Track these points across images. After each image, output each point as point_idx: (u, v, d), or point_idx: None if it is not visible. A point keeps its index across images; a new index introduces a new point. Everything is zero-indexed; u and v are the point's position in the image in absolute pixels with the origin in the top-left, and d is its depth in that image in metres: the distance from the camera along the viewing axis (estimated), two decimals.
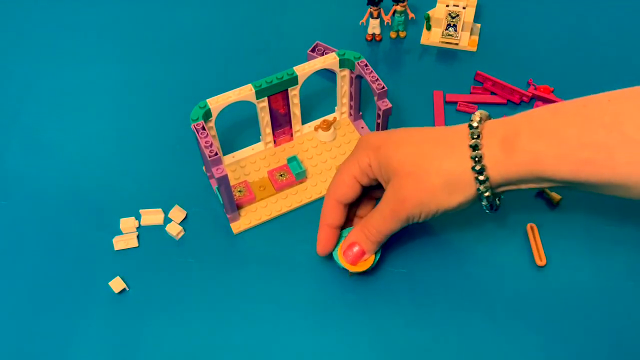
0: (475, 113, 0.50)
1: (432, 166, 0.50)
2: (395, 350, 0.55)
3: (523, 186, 0.49)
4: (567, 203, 0.63)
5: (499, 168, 0.48)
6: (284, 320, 0.57)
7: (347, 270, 0.57)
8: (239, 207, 0.63)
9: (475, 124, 0.49)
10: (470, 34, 0.78)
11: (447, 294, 0.58)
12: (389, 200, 0.52)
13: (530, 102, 0.72)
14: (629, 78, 0.73)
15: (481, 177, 0.48)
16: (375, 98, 0.61)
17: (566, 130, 0.45)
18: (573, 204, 0.63)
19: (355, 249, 0.55)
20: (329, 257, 0.58)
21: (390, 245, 0.60)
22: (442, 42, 0.78)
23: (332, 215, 0.56)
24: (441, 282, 0.59)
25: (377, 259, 0.57)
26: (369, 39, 0.79)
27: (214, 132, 0.62)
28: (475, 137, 0.48)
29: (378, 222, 0.54)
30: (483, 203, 0.50)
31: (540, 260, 0.59)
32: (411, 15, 0.77)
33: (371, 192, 0.59)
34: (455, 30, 0.77)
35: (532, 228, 0.61)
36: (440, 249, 0.61)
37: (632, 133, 0.43)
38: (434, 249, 0.61)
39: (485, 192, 0.49)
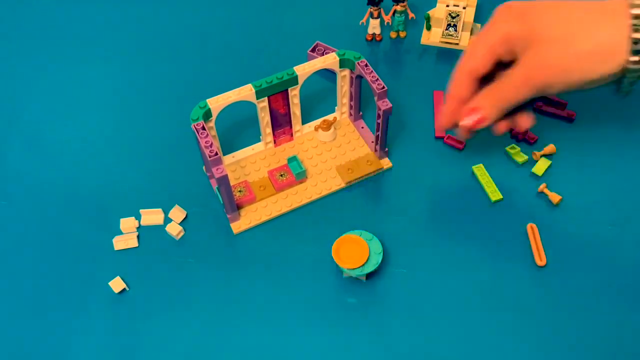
0: None
1: (585, 31, 0.47)
2: (395, 350, 0.55)
3: None
4: (567, 203, 0.63)
5: None
6: (283, 320, 0.57)
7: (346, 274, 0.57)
8: (239, 207, 0.63)
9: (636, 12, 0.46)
10: (471, 34, 0.78)
11: (447, 294, 0.58)
12: (526, 65, 0.50)
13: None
14: None
15: (636, 47, 0.46)
16: (376, 98, 0.61)
17: None
18: (573, 204, 0.63)
19: (477, 115, 0.53)
20: (329, 257, 0.58)
21: (390, 246, 0.61)
22: (442, 42, 0.78)
23: (462, 87, 0.53)
24: (441, 282, 0.59)
25: (379, 260, 0.57)
26: (369, 39, 0.79)
27: (214, 132, 0.62)
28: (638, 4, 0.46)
29: (508, 88, 0.51)
30: (627, 79, 0.48)
31: (540, 260, 0.59)
32: (411, 15, 0.77)
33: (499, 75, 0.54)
34: (456, 30, 0.77)
35: (532, 228, 0.61)
36: (440, 249, 0.61)
37: None
38: (433, 249, 0.61)
39: (637, 65, 0.47)
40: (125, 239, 0.62)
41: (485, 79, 0.54)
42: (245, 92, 0.61)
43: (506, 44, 0.51)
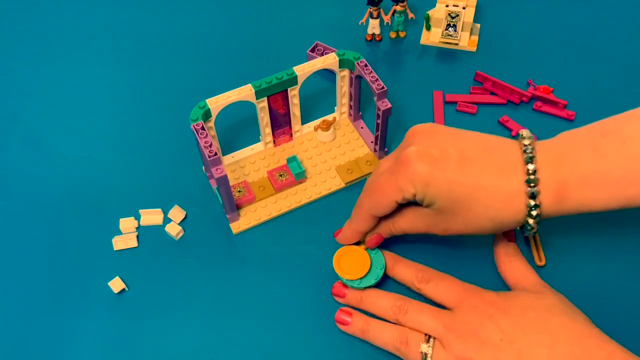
0: (524, 139, 0.50)
1: (485, 213, 0.50)
2: None
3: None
4: None
5: (550, 211, 0.49)
6: (283, 320, 0.57)
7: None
8: (238, 207, 0.63)
9: (532, 177, 0.48)
10: (470, 34, 0.78)
11: None
12: (427, 220, 0.53)
13: (530, 102, 0.72)
14: (629, 78, 0.73)
15: (531, 221, 0.49)
16: (375, 98, 0.61)
17: (612, 173, 0.47)
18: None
19: (373, 236, 0.58)
20: (329, 257, 0.58)
21: (390, 246, 0.60)
22: (442, 42, 0.78)
23: (365, 225, 0.57)
24: None
25: (380, 276, 0.57)
26: (368, 39, 0.79)
27: (213, 132, 0.62)
28: (533, 184, 0.48)
29: (407, 227, 0.56)
30: (525, 234, 0.51)
31: (540, 261, 0.59)
32: (411, 15, 0.77)
33: None
34: (455, 31, 0.77)
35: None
36: (440, 249, 0.61)
37: None
38: (433, 250, 0.61)
39: (532, 228, 0.50)
40: (125, 239, 0.62)
41: None
42: (245, 92, 0.61)
43: (408, 200, 0.53)
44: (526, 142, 0.50)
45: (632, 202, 0.48)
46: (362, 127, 0.70)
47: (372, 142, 0.67)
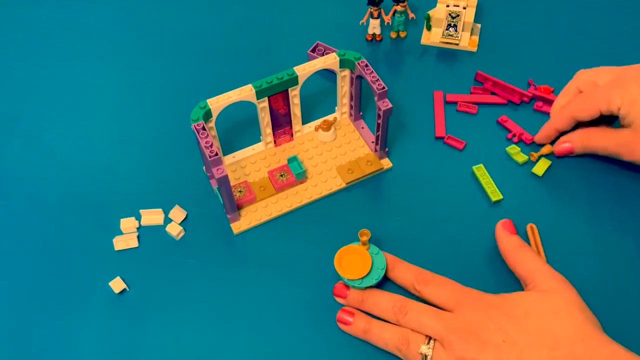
0: None
1: None
2: None
3: None
4: (567, 203, 0.63)
5: None
6: (284, 321, 0.57)
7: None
8: (239, 207, 0.63)
9: None
10: (471, 34, 0.78)
11: None
12: (621, 140, 0.61)
13: (531, 102, 0.72)
14: None
15: None
16: (376, 98, 0.61)
17: None
18: (573, 204, 0.63)
19: (567, 144, 0.65)
20: (330, 257, 0.58)
21: (390, 246, 0.60)
22: (443, 42, 0.78)
23: (566, 125, 0.65)
24: None
25: (381, 276, 0.57)
26: (369, 39, 0.79)
27: (214, 132, 0.62)
28: None
29: (601, 142, 0.62)
30: None
31: None
32: (411, 15, 0.77)
33: None
34: (456, 31, 0.77)
35: (532, 228, 0.61)
36: (440, 249, 0.61)
37: None
38: (433, 250, 0.61)
39: None
40: (126, 239, 0.62)
41: None
42: (246, 93, 0.61)
43: (614, 112, 0.60)
44: None
45: None
46: (362, 127, 0.70)
47: (372, 142, 0.68)
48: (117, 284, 0.59)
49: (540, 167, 0.65)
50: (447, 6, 0.76)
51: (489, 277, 0.59)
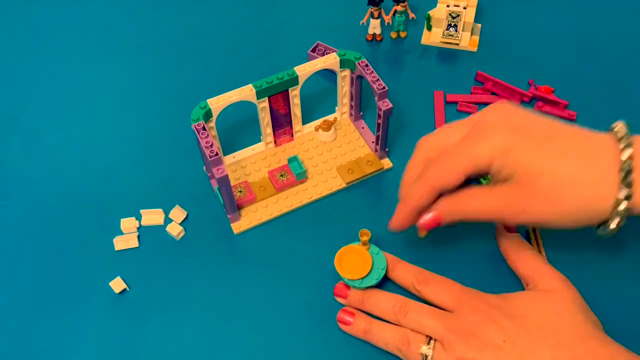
0: (619, 128, 0.45)
1: (572, 192, 0.45)
2: None
3: None
4: None
5: (637, 207, 0.45)
6: (284, 321, 0.57)
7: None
8: (239, 207, 0.63)
9: (626, 155, 0.44)
10: (471, 34, 0.78)
11: None
12: (501, 200, 0.48)
13: (531, 102, 0.72)
14: (629, 78, 0.73)
15: (621, 209, 0.45)
16: (376, 98, 0.61)
17: None
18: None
19: (432, 214, 0.52)
20: (330, 257, 0.58)
21: (390, 246, 0.60)
22: (443, 42, 0.78)
23: (425, 200, 0.51)
24: None
25: (381, 276, 0.57)
26: (369, 39, 0.79)
27: (214, 132, 0.62)
28: (627, 168, 0.44)
29: (473, 209, 0.50)
30: (610, 228, 0.47)
31: None
32: (412, 15, 0.77)
33: None
34: (456, 31, 0.77)
35: (532, 228, 0.61)
36: (440, 249, 0.61)
37: None
38: (433, 250, 0.61)
39: (620, 223, 0.46)
40: (126, 239, 0.62)
41: None
42: (246, 92, 0.61)
43: (481, 171, 0.48)
44: (621, 131, 0.46)
45: None
46: (363, 127, 0.70)
47: (373, 142, 0.68)
48: (117, 284, 0.59)
49: None
50: (448, 6, 0.76)
51: (489, 277, 0.59)
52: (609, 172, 0.45)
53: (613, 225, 0.47)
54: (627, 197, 0.45)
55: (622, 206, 0.45)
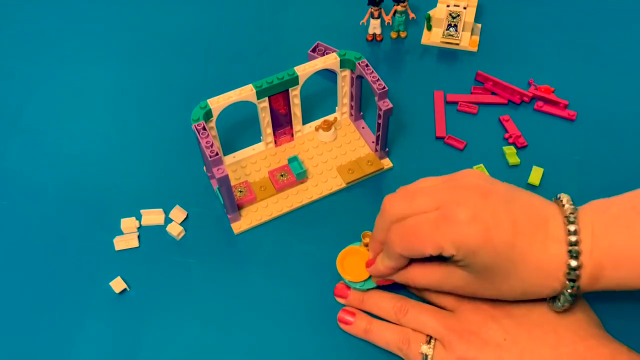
0: (566, 209, 0.48)
1: (521, 286, 0.48)
2: None
3: None
4: None
5: (584, 288, 0.47)
6: (284, 321, 0.57)
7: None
8: (239, 207, 0.63)
9: (573, 264, 0.46)
10: (471, 34, 0.78)
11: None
12: (456, 281, 0.49)
13: (531, 102, 0.72)
14: (629, 78, 0.73)
15: (569, 292, 0.47)
16: (376, 98, 0.61)
17: None
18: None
19: (379, 274, 0.54)
20: (331, 257, 0.58)
21: None
22: (443, 42, 0.78)
23: (397, 264, 0.52)
24: None
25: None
26: (369, 39, 0.79)
27: (214, 132, 0.62)
28: (575, 267, 0.46)
29: (427, 282, 0.51)
30: (553, 305, 0.49)
31: None
32: (412, 15, 0.77)
33: None
34: (456, 31, 0.77)
35: None
36: None
37: None
38: None
39: (564, 304, 0.48)
40: (126, 239, 0.62)
41: None
42: (246, 93, 0.61)
43: (447, 256, 0.48)
44: (570, 216, 0.48)
45: None
46: (363, 127, 0.70)
47: (373, 142, 0.68)
48: (117, 284, 0.59)
49: (535, 177, 0.65)
50: (448, 6, 0.76)
51: None
52: (557, 267, 0.47)
53: (562, 300, 0.48)
54: (572, 294, 0.47)
55: (568, 291, 0.47)
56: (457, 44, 0.78)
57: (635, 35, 0.78)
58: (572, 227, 0.47)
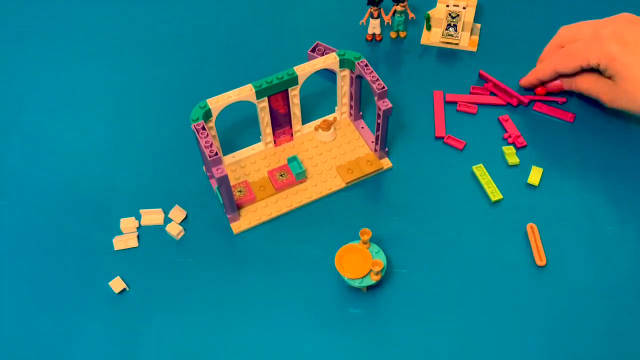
0: None
1: None
2: (396, 350, 0.55)
3: None
4: (567, 203, 0.63)
5: None
6: (283, 320, 0.57)
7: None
8: (239, 207, 0.63)
9: None
10: (471, 34, 0.78)
11: (447, 293, 0.58)
12: (602, 87, 0.65)
13: (530, 104, 0.72)
14: None
15: None
16: (376, 98, 0.61)
17: None
18: (573, 203, 0.63)
19: (557, 82, 0.70)
20: (330, 257, 0.58)
21: (390, 246, 0.61)
22: (443, 42, 0.78)
23: (547, 77, 0.69)
24: (441, 282, 0.59)
25: (382, 273, 0.57)
26: (369, 39, 0.79)
27: (214, 132, 0.62)
28: None
29: (585, 87, 0.67)
30: None
31: (540, 260, 0.59)
32: (411, 15, 0.77)
33: None
34: (456, 30, 0.77)
35: (532, 228, 0.61)
36: (441, 249, 0.61)
37: None
38: (434, 250, 0.61)
39: None
40: (126, 239, 0.62)
41: None
42: (246, 92, 0.61)
43: (597, 67, 0.64)
44: None
45: None
46: (362, 127, 0.70)
47: (372, 141, 0.68)
48: (117, 284, 0.59)
49: (535, 177, 0.65)
50: (447, 6, 0.76)
51: (489, 276, 0.59)
52: None
53: None
54: None
55: None
56: (457, 44, 0.78)
57: None
58: None
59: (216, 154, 0.56)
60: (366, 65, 0.62)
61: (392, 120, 0.66)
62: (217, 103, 0.60)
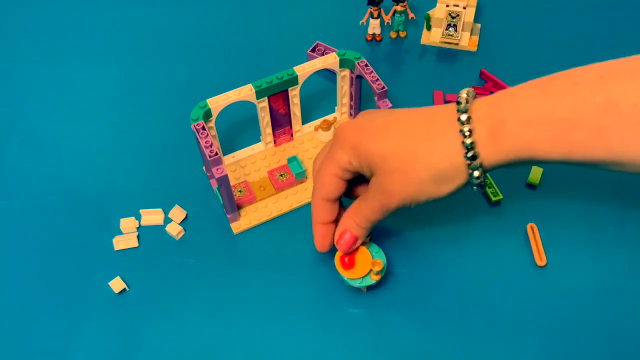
0: (461, 94, 0.47)
1: (419, 161, 0.48)
2: (396, 350, 0.55)
3: (516, 166, 0.48)
4: (567, 203, 0.63)
5: (489, 155, 0.46)
6: (283, 320, 0.57)
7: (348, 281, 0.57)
8: (239, 207, 0.63)
9: (463, 107, 0.46)
10: (471, 34, 0.78)
11: (447, 294, 0.58)
12: (375, 193, 0.51)
13: None
14: None
15: (474, 164, 0.46)
16: (376, 98, 0.61)
17: (556, 112, 0.44)
18: (573, 203, 0.63)
19: (347, 236, 0.55)
20: (329, 257, 0.58)
21: (390, 246, 0.61)
22: (443, 42, 0.78)
23: (322, 213, 0.55)
24: (441, 282, 0.59)
25: (382, 273, 0.57)
26: (369, 39, 0.79)
27: (214, 132, 0.62)
28: (466, 122, 0.46)
29: (367, 212, 0.53)
30: (474, 188, 0.48)
31: (540, 260, 0.59)
32: (411, 15, 0.77)
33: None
34: (456, 30, 0.77)
35: (532, 228, 0.61)
36: (441, 249, 0.61)
37: (627, 111, 0.42)
38: (434, 249, 0.61)
39: (478, 178, 0.47)
40: (126, 239, 0.62)
41: (354, 181, 0.55)
42: (246, 92, 0.61)
43: (348, 171, 0.52)
44: (463, 95, 0.48)
45: (575, 151, 0.44)
46: None
47: None
48: (117, 284, 0.59)
49: (535, 177, 0.65)
50: (447, 6, 0.76)
51: (489, 276, 0.59)
52: (450, 137, 0.47)
53: (476, 174, 0.47)
54: (473, 157, 0.46)
55: (474, 163, 0.46)
56: (457, 44, 0.78)
57: (635, 35, 0.78)
58: (463, 101, 0.47)
59: (216, 154, 0.56)
60: (366, 65, 0.62)
61: None
62: (217, 103, 0.60)
